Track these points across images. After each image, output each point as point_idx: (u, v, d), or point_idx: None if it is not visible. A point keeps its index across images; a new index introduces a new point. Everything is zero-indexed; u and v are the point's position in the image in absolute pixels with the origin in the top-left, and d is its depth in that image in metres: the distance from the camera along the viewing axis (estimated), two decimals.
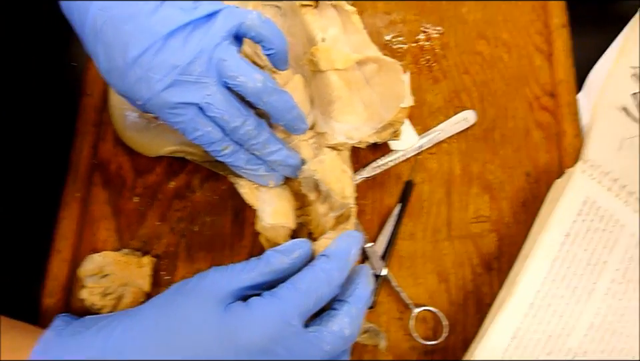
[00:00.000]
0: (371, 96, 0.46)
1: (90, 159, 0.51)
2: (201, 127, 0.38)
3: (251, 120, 0.39)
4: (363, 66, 0.46)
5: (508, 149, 0.52)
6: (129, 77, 0.36)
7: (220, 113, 0.37)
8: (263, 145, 0.40)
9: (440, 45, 0.55)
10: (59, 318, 0.39)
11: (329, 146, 0.45)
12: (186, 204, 0.50)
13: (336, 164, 0.43)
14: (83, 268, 0.47)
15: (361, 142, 0.45)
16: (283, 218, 0.43)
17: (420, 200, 0.51)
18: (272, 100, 0.38)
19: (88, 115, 0.52)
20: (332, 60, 0.45)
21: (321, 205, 0.43)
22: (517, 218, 0.50)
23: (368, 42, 0.47)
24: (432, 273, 0.49)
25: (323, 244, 0.40)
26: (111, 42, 0.35)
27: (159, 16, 0.36)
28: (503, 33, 0.56)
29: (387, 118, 0.43)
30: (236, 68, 0.37)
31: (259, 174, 0.42)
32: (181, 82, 0.36)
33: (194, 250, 0.49)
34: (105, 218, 0.50)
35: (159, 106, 0.37)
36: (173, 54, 0.36)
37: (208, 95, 0.37)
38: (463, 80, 0.54)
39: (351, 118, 0.46)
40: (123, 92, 0.37)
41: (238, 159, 0.40)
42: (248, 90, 0.37)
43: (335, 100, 0.46)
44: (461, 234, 0.50)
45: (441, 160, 0.52)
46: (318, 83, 0.47)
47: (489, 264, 0.49)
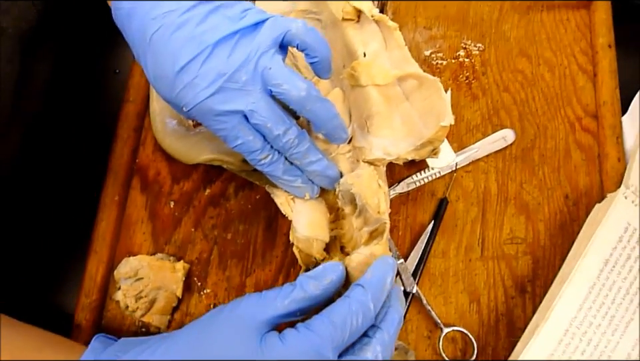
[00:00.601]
0: (409, 112, 0.45)
1: (129, 164, 0.52)
2: (242, 135, 0.38)
3: (293, 129, 0.39)
4: (403, 82, 0.45)
5: (546, 170, 0.51)
6: (176, 84, 0.36)
7: (263, 121, 0.37)
8: (303, 155, 0.40)
9: (480, 62, 0.54)
10: (97, 339, 0.39)
11: (366, 161, 0.45)
12: (220, 211, 0.51)
13: (373, 179, 0.42)
14: (119, 270, 0.48)
15: (398, 158, 0.44)
16: (316, 231, 0.43)
17: (454, 218, 0.50)
18: (315, 108, 0.39)
19: (129, 121, 0.53)
20: (372, 76, 0.45)
21: (356, 219, 0.43)
22: (554, 241, 0.49)
23: (409, 59, 0.46)
24: (463, 293, 0.48)
25: (355, 259, 0.40)
26: (160, 50, 0.36)
27: (207, 26, 0.36)
28: (546, 51, 0.54)
29: (426, 136, 0.42)
30: (281, 76, 0.37)
31: (296, 186, 0.42)
32: (227, 89, 0.37)
33: (226, 258, 0.50)
34: (141, 221, 0.51)
35: (203, 113, 0.37)
36: (220, 63, 0.36)
37: (252, 103, 0.37)
38: (502, 98, 0.53)
39: (389, 133, 0.45)
40: (170, 99, 0.38)
41: (276, 169, 0.40)
42: (292, 97, 0.38)
43: (373, 115, 0.45)
44: (494, 255, 0.49)
45: (477, 179, 0.51)
46: (357, 97, 0.46)
47: (523, 287, 0.48)
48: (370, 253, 0.40)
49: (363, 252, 0.40)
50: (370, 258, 0.40)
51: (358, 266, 0.40)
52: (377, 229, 0.43)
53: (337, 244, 0.45)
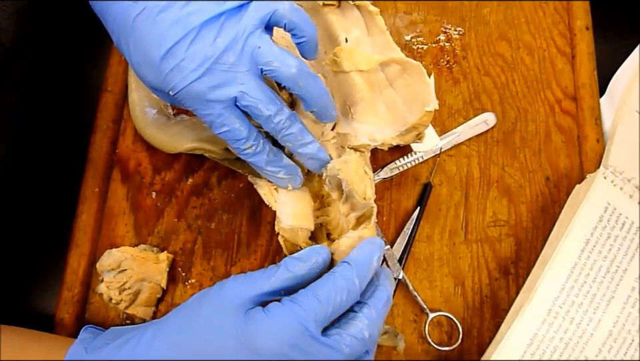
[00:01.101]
0: (393, 97, 0.45)
1: (109, 155, 0.51)
2: (228, 122, 0.37)
3: (284, 110, 0.38)
4: (386, 68, 0.45)
5: (527, 153, 0.51)
6: (162, 68, 0.36)
7: (254, 102, 0.37)
8: (295, 137, 0.39)
9: (460, 46, 0.54)
10: (85, 330, 0.39)
11: (351, 147, 0.45)
12: (203, 201, 0.50)
13: (359, 165, 0.42)
14: (102, 262, 0.47)
15: (383, 144, 0.44)
16: (301, 220, 0.42)
17: (437, 203, 0.50)
18: (307, 85, 0.38)
19: (108, 111, 0.52)
20: (355, 62, 0.44)
21: (343, 205, 0.43)
22: (536, 222, 0.49)
23: (391, 44, 0.46)
24: (448, 276, 0.48)
25: (344, 243, 0.39)
26: (143, 33, 0.36)
27: (192, 7, 0.36)
28: (525, 35, 0.54)
29: (411, 121, 0.42)
30: (271, 54, 0.36)
31: (279, 177, 0.41)
32: (215, 71, 0.36)
33: (210, 248, 0.49)
34: (123, 213, 0.50)
35: (191, 96, 0.37)
36: (207, 45, 0.36)
37: (241, 84, 0.36)
38: (483, 82, 0.53)
39: (374, 119, 0.45)
40: (155, 84, 0.37)
41: (260, 159, 0.40)
42: (284, 75, 0.37)
43: (358, 101, 0.45)
44: (478, 238, 0.49)
45: (460, 163, 0.51)
46: (340, 84, 0.46)
47: (506, 269, 0.48)
48: (358, 236, 0.40)
49: (351, 235, 0.40)
50: (358, 241, 0.40)
51: (346, 249, 0.39)
52: (364, 214, 0.42)
53: (323, 231, 0.45)
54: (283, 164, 0.41)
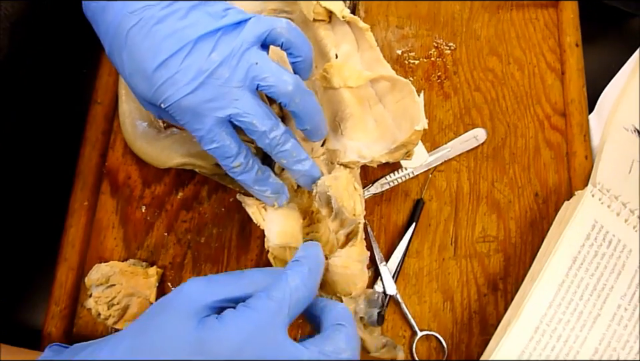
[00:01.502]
0: (383, 114, 0.45)
1: (98, 167, 0.51)
2: (218, 139, 0.37)
3: (279, 126, 0.38)
4: (376, 84, 0.45)
5: (517, 168, 0.52)
6: (155, 80, 0.35)
7: (249, 117, 0.37)
8: (290, 153, 0.39)
9: (451, 61, 0.54)
10: (49, 349, 0.37)
11: (340, 163, 0.44)
12: (193, 215, 0.50)
13: (349, 182, 0.42)
14: (90, 277, 0.47)
15: (372, 161, 0.44)
16: (288, 239, 0.42)
17: (427, 218, 0.50)
18: (303, 102, 0.38)
19: (97, 123, 0.51)
20: (345, 78, 0.44)
21: (332, 222, 0.43)
22: (524, 238, 0.50)
23: (381, 60, 0.46)
24: (437, 292, 0.48)
25: (335, 263, 0.40)
26: (138, 44, 0.35)
27: (188, 21, 0.36)
28: (515, 50, 0.55)
29: (400, 140, 0.42)
30: (268, 70, 0.36)
31: (265, 195, 0.41)
32: (209, 85, 0.36)
33: (200, 262, 0.49)
34: (112, 227, 0.50)
35: (183, 110, 0.36)
36: (202, 58, 0.35)
37: (236, 100, 0.36)
38: (473, 97, 0.53)
39: (363, 136, 0.45)
40: (147, 95, 0.37)
41: (248, 178, 0.40)
42: (281, 91, 0.37)
43: (347, 117, 0.45)
44: (467, 253, 0.49)
45: (450, 178, 0.51)
46: (330, 99, 0.46)
47: (495, 285, 0.49)
48: (347, 255, 0.40)
49: (340, 255, 0.40)
50: (348, 261, 0.40)
51: (338, 269, 0.40)
52: (352, 230, 0.42)
53: None
54: (270, 183, 0.41)
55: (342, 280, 0.40)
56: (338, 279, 0.40)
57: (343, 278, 0.40)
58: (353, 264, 0.41)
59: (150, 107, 0.40)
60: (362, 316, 0.43)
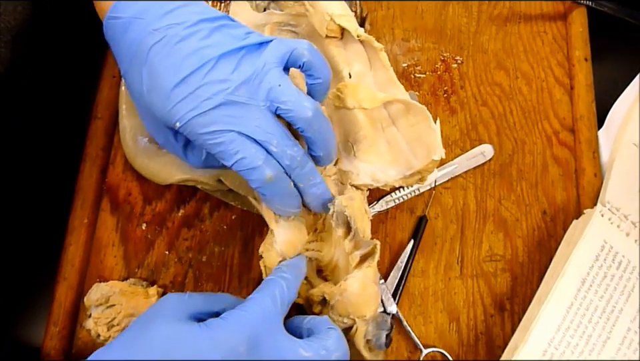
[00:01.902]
0: (396, 137, 0.44)
1: (98, 184, 0.50)
2: (242, 148, 0.36)
3: (299, 147, 0.38)
4: (389, 106, 0.44)
5: (524, 185, 0.51)
6: (174, 96, 0.35)
7: (269, 137, 0.36)
8: (307, 176, 0.39)
9: (458, 75, 0.53)
10: None
11: (352, 185, 0.44)
12: (194, 233, 0.49)
13: (362, 203, 0.42)
14: (89, 296, 0.46)
15: (386, 185, 0.43)
16: (290, 250, 0.42)
17: (433, 236, 0.49)
18: (321, 129, 0.38)
19: (98, 139, 0.51)
20: (359, 99, 0.44)
21: (349, 242, 0.42)
22: (532, 257, 0.49)
23: (394, 81, 0.45)
24: (442, 312, 0.48)
25: (352, 284, 0.40)
26: (159, 61, 0.36)
27: (211, 41, 0.36)
28: (523, 64, 0.54)
29: (415, 167, 0.42)
30: (290, 94, 0.36)
31: (287, 209, 0.40)
32: (229, 103, 0.36)
33: (201, 281, 0.48)
34: (112, 245, 0.49)
35: (201, 126, 0.36)
36: (224, 76, 0.36)
37: (257, 118, 0.36)
38: (480, 112, 0.53)
39: (375, 159, 0.44)
40: (162, 113, 0.36)
41: (279, 191, 0.38)
42: (300, 116, 0.36)
43: (360, 139, 0.44)
44: (473, 273, 0.49)
45: (456, 195, 0.50)
46: (342, 119, 0.45)
47: (502, 305, 0.48)
48: (364, 276, 0.40)
49: (358, 276, 0.40)
50: (366, 282, 0.40)
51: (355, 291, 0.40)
52: (368, 252, 0.42)
53: (312, 266, 0.44)
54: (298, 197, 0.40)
55: (358, 301, 0.40)
56: (354, 300, 0.40)
57: (360, 300, 0.40)
58: (370, 286, 0.40)
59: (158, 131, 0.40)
60: (369, 339, 0.43)
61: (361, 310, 0.40)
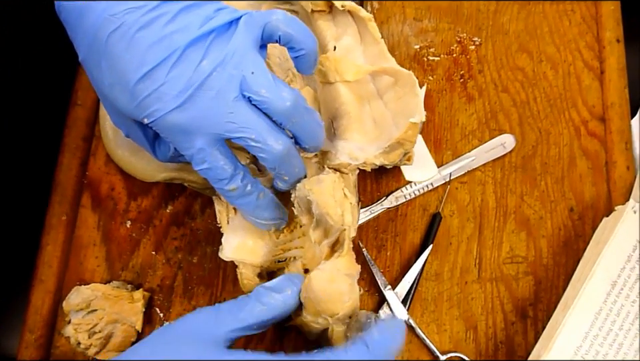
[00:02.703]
0: (382, 112, 0.46)
1: (78, 178, 0.52)
2: (210, 159, 0.37)
3: (285, 139, 0.38)
4: (377, 79, 0.45)
5: (549, 180, 0.52)
6: (138, 93, 0.36)
7: (248, 132, 0.37)
8: (293, 168, 0.40)
9: (476, 58, 0.55)
10: None
11: (331, 166, 0.45)
12: (184, 231, 0.51)
13: (337, 187, 0.42)
14: (69, 301, 0.48)
15: (365, 163, 0.44)
16: (245, 254, 0.43)
17: (447, 236, 0.51)
18: (303, 122, 0.38)
19: (77, 128, 0.52)
20: (341, 71, 0.45)
21: (314, 231, 0.43)
22: (557, 259, 0.51)
23: (385, 54, 0.47)
24: (458, 319, 0.49)
25: (316, 277, 0.39)
26: (119, 52, 0.36)
27: (177, 26, 0.36)
28: (548, 47, 0.56)
29: (394, 136, 0.42)
30: (264, 83, 0.36)
31: (262, 222, 0.42)
32: (199, 98, 0.36)
33: (192, 285, 0.50)
34: (93, 245, 0.51)
35: (169, 127, 0.37)
36: (191, 67, 0.36)
37: (230, 113, 0.36)
38: (500, 100, 0.54)
39: (359, 136, 0.45)
40: (128, 110, 0.37)
41: (246, 204, 0.40)
42: (276, 108, 0.37)
43: (342, 115, 0.45)
44: (492, 276, 0.50)
45: (473, 191, 0.52)
46: (326, 96, 0.47)
47: (524, 312, 0.50)
48: (333, 267, 0.40)
49: (324, 268, 0.40)
50: (335, 274, 0.40)
51: (322, 284, 0.39)
52: (337, 240, 0.42)
53: (297, 266, 0.45)
54: (271, 209, 0.41)
55: (327, 296, 0.39)
56: (322, 296, 0.39)
57: (328, 295, 0.39)
58: (340, 278, 0.40)
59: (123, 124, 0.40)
60: None
61: (331, 308, 0.40)
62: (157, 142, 0.43)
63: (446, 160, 0.53)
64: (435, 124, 0.54)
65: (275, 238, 0.45)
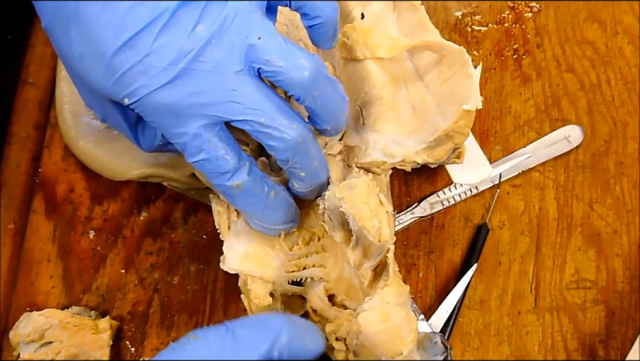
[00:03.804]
0: (424, 97, 0.45)
1: (29, 176, 0.51)
2: (208, 148, 0.37)
3: (300, 122, 0.38)
4: (416, 57, 0.45)
5: (626, 184, 0.52)
6: (116, 65, 0.36)
7: (255, 115, 0.37)
8: (311, 161, 0.39)
9: (534, 29, 0.55)
10: None
11: (360, 165, 0.45)
12: (162, 245, 0.50)
13: (371, 193, 0.42)
14: (17, 331, 0.47)
15: (404, 161, 0.43)
16: (253, 266, 0.43)
17: (496, 253, 0.51)
18: (324, 96, 0.38)
19: (28, 113, 0.52)
20: (372, 46, 0.44)
21: (352, 251, 0.42)
22: (635, 285, 0.50)
23: (425, 24, 0.46)
24: (510, 358, 0.49)
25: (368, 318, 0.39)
26: (93, 15, 0.35)
27: None
28: (625, 15, 0.55)
29: (442, 127, 0.42)
30: (276, 48, 0.36)
31: (270, 227, 0.42)
32: (194, 72, 0.36)
33: (171, 312, 0.49)
34: (47, 260, 0.50)
35: (156, 107, 0.37)
36: (184, 33, 0.35)
37: (233, 91, 0.36)
38: (564, 82, 0.54)
39: (393, 127, 0.45)
40: (104, 87, 0.37)
41: (252, 204, 0.40)
42: (293, 80, 0.37)
43: (373, 101, 0.45)
44: (552, 305, 0.50)
45: (529, 197, 0.52)
46: (351, 76, 0.46)
47: (593, 350, 0.49)
48: (382, 301, 0.40)
49: (373, 305, 0.39)
50: (386, 309, 0.40)
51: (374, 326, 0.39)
52: (379, 263, 0.41)
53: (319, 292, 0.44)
54: (282, 209, 0.41)
55: (384, 338, 0.39)
56: (379, 340, 0.39)
57: (385, 336, 0.40)
58: (394, 312, 0.40)
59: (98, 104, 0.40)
60: None
61: (392, 349, 0.40)
62: (141, 127, 0.43)
63: (494, 157, 0.52)
64: (481, 112, 0.53)
65: (286, 247, 0.44)
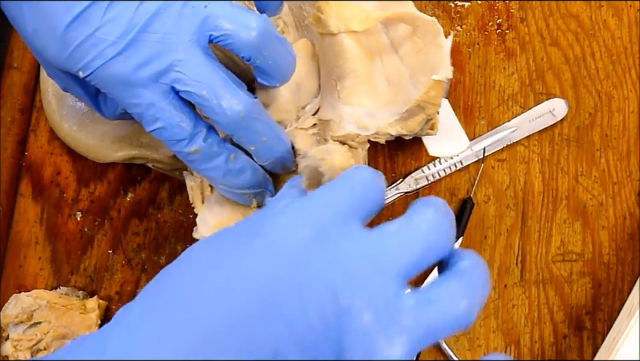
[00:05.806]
0: (398, 70, 0.47)
1: (15, 160, 0.54)
2: (163, 116, 0.40)
3: (242, 96, 0.40)
4: (392, 29, 0.47)
5: (611, 156, 0.54)
6: (69, 39, 0.38)
7: (198, 87, 0.39)
8: (260, 135, 0.42)
9: (517, 3, 0.56)
10: None
11: (335, 138, 0.47)
12: (149, 225, 0.53)
13: (346, 160, 0.44)
14: (6, 312, 0.50)
15: (378, 133, 0.46)
16: None
17: (482, 227, 0.53)
18: (275, 54, 0.41)
19: (13, 97, 0.54)
20: (346, 18, 0.46)
21: None
22: (621, 257, 0.52)
23: None
24: (496, 332, 0.51)
25: None
26: None
27: None
28: None
29: (414, 98, 0.44)
30: (222, 12, 0.39)
31: (239, 193, 0.44)
32: (142, 43, 0.38)
33: None
34: (35, 242, 0.53)
35: (109, 79, 0.39)
36: (132, 6, 0.38)
37: (179, 60, 0.39)
38: (549, 55, 0.56)
39: (368, 100, 0.47)
40: (59, 61, 0.39)
41: (212, 169, 0.42)
42: (242, 40, 0.39)
43: (347, 74, 0.47)
44: (539, 278, 0.52)
45: (514, 171, 0.54)
46: (326, 50, 0.48)
47: (579, 322, 0.51)
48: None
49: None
50: None
51: None
52: None
53: None
54: (246, 174, 0.43)
55: None
56: None
57: None
58: None
59: (58, 76, 0.43)
60: None
61: None
62: (102, 96, 0.45)
63: (479, 131, 0.54)
64: (465, 86, 0.55)
65: None
